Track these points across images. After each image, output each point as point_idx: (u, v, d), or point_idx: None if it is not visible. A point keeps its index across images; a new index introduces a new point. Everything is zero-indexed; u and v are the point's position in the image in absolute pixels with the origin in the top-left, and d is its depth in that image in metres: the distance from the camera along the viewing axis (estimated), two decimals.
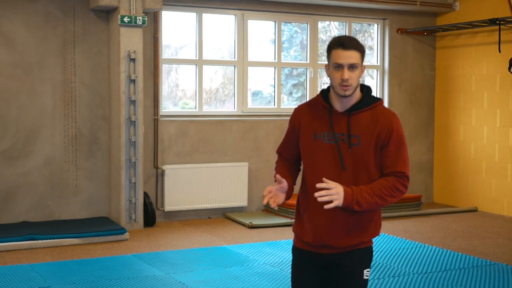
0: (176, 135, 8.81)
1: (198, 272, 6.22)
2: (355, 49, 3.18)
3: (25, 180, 8.04)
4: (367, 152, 3.23)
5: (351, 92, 3.22)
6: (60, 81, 8.15)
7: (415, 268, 6.39)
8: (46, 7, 8.05)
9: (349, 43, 3.18)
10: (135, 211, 8.18)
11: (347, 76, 3.17)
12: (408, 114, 10.32)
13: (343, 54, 3.17)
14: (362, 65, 3.24)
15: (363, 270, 3.31)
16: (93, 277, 5.99)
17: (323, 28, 10.19)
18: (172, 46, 9.22)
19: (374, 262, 6.59)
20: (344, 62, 3.17)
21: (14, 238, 7.17)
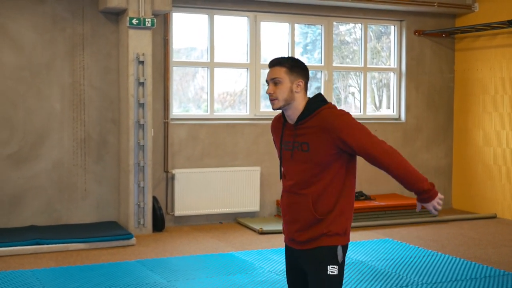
0: (187, 138, 8.68)
1: (200, 280, 6.08)
2: (277, 64, 3.45)
3: (33, 183, 7.97)
4: (318, 155, 3.39)
5: (278, 105, 3.45)
6: (69, 83, 8.07)
7: (424, 278, 6.18)
8: (54, 9, 7.97)
9: (273, 61, 3.48)
10: (144, 216, 8.07)
11: (270, 90, 3.45)
12: (425, 118, 10.08)
13: (268, 72, 3.50)
14: (293, 79, 3.43)
15: (326, 266, 3.41)
16: (92, 284, 5.87)
17: (347, 31, 10.01)
18: (185, 49, 9.10)
19: (383, 271, 6.39)
20: (268, 78, 3.49)
21: (19, 242, 7.09)
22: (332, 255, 3.42)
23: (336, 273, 3.42)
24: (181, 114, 8.84)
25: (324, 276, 3.41)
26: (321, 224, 3.42)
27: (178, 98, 9.05)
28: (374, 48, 10.25)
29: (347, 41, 10.07)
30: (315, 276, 3.44)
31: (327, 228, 3.42)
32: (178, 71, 8.97)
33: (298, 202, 3.47)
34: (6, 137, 7.82)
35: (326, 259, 3.42)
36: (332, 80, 9.66)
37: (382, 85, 10.27)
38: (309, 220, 3.44)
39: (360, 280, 6.10)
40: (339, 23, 9.88)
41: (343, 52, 10.11)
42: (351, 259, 6.83)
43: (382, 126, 9.84)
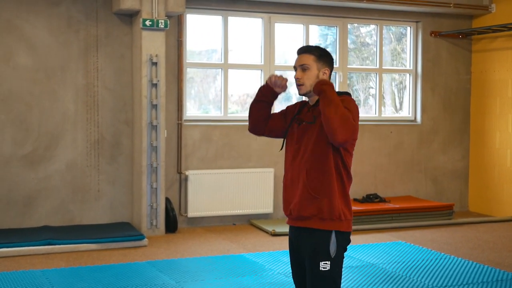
0: (200, 140, 8.69)
1: (209, 281, 6.07)
2: (306, 52, 3.66)
3: (46, 184, 8.02)
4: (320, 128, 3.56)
5: (305, 91, 3.65)
6: (83, 85, 8.12)
7: (435, 281, 6.12)
8: (68, 11, 8.02)
9: (302, 48, 3.70)
10: (157, 217, 8.09)
11: (298, 75, 3.65)
12: (441, 120, 10.00)
13: (297, 58, 3.70)
14: (320, 67, 3.63)
15: (319, 262, 3.52)
16: (101, 284, 5.89)
17: (368, 33, 9.97)
18: (201, 50, 9.11)
19: (394, 274, 6.34)
20: (296, 64, 3.68)
21: (31, 242, 7.14)
22: (325, 250, 3.53)
23: (328, 268, 3.52)
24: (195, 115, 8.85)
25: (316, 272, 3.53)
26: (314, 202, 3.55)
27: (199, 99, 9.07)
28: (394, 50, 10.19)
29: (367, 42, 10.02)
30: (309, 272, 3.56)
31: (319, 208, 3.54)
32: (199, 73, 9.00)
33: (295, 175, 3.64)
34: (21, 138, 7.88)
35: (318, 255, 3.53)
36: (350, 82, 9.61)
37: (402, 87, 10.20)
38: (302, 195, 3.57)
39: (369, 282, 6.06)
40: (359, 25, 9.84)
41: (364, 54, 10.07)
42: (362, 261, 6.79)
43: (397, 128, 9.77)
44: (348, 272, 6.38)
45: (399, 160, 9.81)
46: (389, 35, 10.12)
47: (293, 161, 3.66)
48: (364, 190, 9.55)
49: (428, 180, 10.00)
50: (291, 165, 3.68)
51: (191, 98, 9.03)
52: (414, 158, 9.89)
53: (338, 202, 3.55)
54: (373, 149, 9.63)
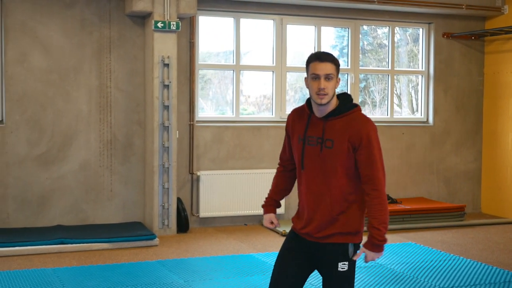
0: (212, 141, 8.76)
1: (218, 280, 6.14)
2: (330, 61, 3.56)
3: (60, 184, 8.12)
4: (339, 155, 3.55)
5: (327, 100, 3.56)
6: (96, 86, 8.22)
7: (442, 282, 6.14)
8: (82, 13, 8.13)
9: (325, 56, 3.57)
10: (168, 217, 8.17)
11: (323, 85, 3.53)
12: (454, 121, 10.00)
13: (319, 66, 3.54)
14: (337, 77, 3.59)
15: (337, 263, 3.59)
16: (110, 283, 5.98)
17: (384, 34, 9.99)
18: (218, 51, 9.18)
19: (401, 274, 6.37)
20: (320, 73, 3.54)
21: (43, 241, 7.24)
22: (343, 252, 3.60)
23: (346, 269, 3.59)
24: (207, 116, 8.92)
25: (335, 272, 3.59)
26: (335, 223, 3.59)
27: (216, 101, 9.14)
28: (411, 51, 10.20)
29: (384, 44, 10.04)
30: (327, 274, 3.63)
31: (341, 228, 3.59)
32: (217, 75, 9.07)
33: (317, 200, 3.62)
34: (35, 139, 7.99)
35: (337, 256, 3.60)
36: (359, 82, 9.64)
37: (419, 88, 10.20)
38: (326, 219, 3.60)
39: (376, 283, 6.10)
40: (377, 27, 9.87)
41: (380, 55, 10.09)
42: (371, 262, 6.81)
43: (410, 129, 9.78)
44: (356, 272, 6.41)
45: (411, 161, 9.82)
46: (405, 36, 10.13)
47: (313, 184, 3.63)
48: None
49: (441, 181, 9.99)
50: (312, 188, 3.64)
51: (208, 100, 9.10)
52: (426, 159, 9.90)
53: (358, 220, 3.64)
54: (385, 150, 9.60)
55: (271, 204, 3.97)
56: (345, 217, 3.59)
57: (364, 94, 9.95)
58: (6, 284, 5.88)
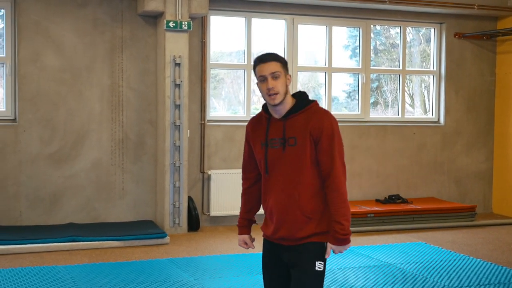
0: (223, 140, 8.80)
1: (227, 278, 6.18)
2: (273, 60, 3.50)
3: (72, 182, 8.19)
4: (304, 151, 3.48)
5: (280, 99, 3.50)
6: (108, 85, 8.28)
7: (451, 282, 6.15)
8: (94, 12, 8.19)
9: (267, 57, 3.52)
10: (179, 216, 8.22)
11: (271, 85, 3.47)
12: (465, 122, 9.99)
13: (263, 67, 3.49)
14: (286, 74, 3.53)
15: (315, 262, 3.51)
16: (121, 280, 6.03)
17: (397, 34, 10.00)
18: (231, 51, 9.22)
19: (410, 274, 6.39)
20: (265, 73, 3.49)
21: (55, 239, 7.31)
22: (321, 251, 3.51)
23: (322, 269, 3.53)
24: (218, 115, 8.96)
25: (311, 272, 3.50)
26: (310, 223, 3.50)
27: (228, 100, 9.18)
28: (424, 51, 10.20)
29: (397, 44, 10.04)
30: (302, 272, 3.50)
31: (317, 228, 3.51)
32: (230, 74, 9.11)
33: (286, 200, 3.52)
34: (48, 137, 8.06)
35: (316, 255, 3.51)
36: (370, 82, 9.65)
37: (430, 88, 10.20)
38: (298, 220, 3.51)
39: (385, 282, 6.11)
40: (390, 27, 9.88)
41: (393, 55, 10.09)
42: (380, 261, 6.84)
43: (420, 129, 9.79)
44: (365, 272, 6.45)
45: (422, 161, 9.82)
46: (418, 36, 10.13)
47: (280, 185, 3.54)
48: (387, 191, 9.58)
49: (451, 182, 9.99)
50: (276, 188, 3.55)
51: (220, 99, 9.14)
52: (437, 159, 9.89)
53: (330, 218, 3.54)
54: (396, 150, 9.66)
55: (244, 225, 3.94)
56: (320, 215, 3.51)
57: (376, 94, 9.96)
58: (19, 281, 5.94)
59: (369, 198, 9.49)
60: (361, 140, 9.44)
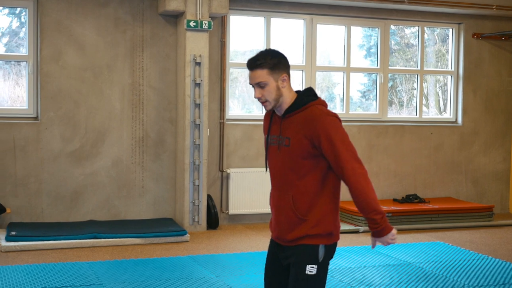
0: (242, 139, 8.86)
1: (248, 276, 6.24)
2: (259, 67, 3.39)
3: (93, 180, 8.28)
4: (297, 153, 3.39)
5: (270, 106, 3.46)
6: (129, 84, 8.36)
7: (471, 281, 6.18)
8: (116, 12, 8.27)
9: (252, 63, 3.42)
10: (198, 214, 8.29)
11: (258, 94, 3.44)
12: (483, 122, 10.01)
13: (250, 75, 3.44)
14: (276, 77, 3.40)
15: (305, 265, 3.42)
16: (144, 276, 6.11)
17: (412, 34, 10.04)
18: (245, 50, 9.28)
19: (429, 273, 6.42)
20: (251, 82, 3.45)
21: (77, 236, 7.39)
22: (313, 254, 3.43)
23: (315, 273, 3.42)
24: (237, 114, 9.02)
25: (302, 276, 3.41)
26: (304, 224, 3.42)
27: (242, 99, 9.25)
28: (439, 51, 10.23)
29: (412, 44, 10.08)
30: (294, 275, 3.43)
31: (309, 230, 3.41)
32: (243, 73, 9.17)
33: (281, 201, 3.48)
34: (69, 135, 8.15)
35: (306, 258, 3.43)
36: (388, 82, 9.69)
37: (447, 88, 10.22)
38: (292, 220, 3.44)
39: (405, 281, 6.16)
40: (404, 26, 9.91)
41: (408, 55, 10.13)
42: (399, 260, 6.88)
43: (438, 129, 9.81)
44: (385, 270, 6.49)
45: (440, 161, 9.84)
46: (433, 36, 10.15)
47: (277, 184, 3.51)
48: (404, 190, 9.61)
49: (469, 181, 10.01)
50: (276, 188, 3.52)
51: (234, 98, 9.21)
52: (454, 159, 9.92)
53: (328, 221, 3.44)
54: (413, 150, 9.69)
55: None
56: (314, 217, 3.41)
57: (391, 93, 9.99)
58: (43, 276, 6.03)
59: (386, 197, 9.53)
60: (378, 140, 9.48)
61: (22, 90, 8.31)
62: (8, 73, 8.33)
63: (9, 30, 8.35)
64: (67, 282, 5.88)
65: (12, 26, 8.39)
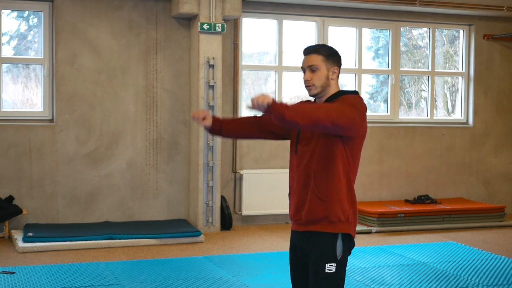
0: (255, 140, 8.92)
1: (264, 275, 6.30)
2: (314, 52, 3.58)
3: (107, 182, 8.35)
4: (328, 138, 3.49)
5: (315, 91, 3.58)
6: (143, 86, 8.43)
7: (486, 280, 6.23)
8: (130, 15, 8.35)
9: (309, 49, 3.61)
10: (212, 214, 8.35)
11: (307, 77, 3.57)
12: (494, 123, 10.05)
13: (304, 59, 3.60)
14: (329, 67, 3.57)
15: (324, 264, 3.51)
16: (162, 276, 6.18)
17: (419, 35, 10.09)
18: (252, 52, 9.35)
19: (443, 272, 6.47)
20: (304, 65, 3.59)
21: (93, 237, 7.47)
22: (331, 253, 3.51)
23: (334, 270, 3.51)
24: None
25: (322, 274, 3.50)
26: (323, 205, 3.50)
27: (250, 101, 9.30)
28: (447, 53, 10.28)
29: (419, 45, 10.14)
30: (313, 274, 3.53)
31: (329, 211, 3.50)
32: (251, 75, 9.24)
33: (303, 179, 3.56)
34: (84, 137, 8.23)
35: (324, 257, 3.51)
36: (402, 84, 9.75)
37: (455, 89, 10.28)
38: (312, 199, 3.52)
39: (420, 280, 6.21)
40: (411, 28, 9.96)
41: (415, 57, 10.18)
42: (413, 260, 6.93)
43: (449, 130, 9.86)
44: (399, 270, 6.54)
45: (451, 162, 9.89)
46: (441, 37, 10.21)
47: (299, 166, 3.60)
48: (416, 191, 9.66)
49: (480, 182, 10.05)
50: (297, 170, 3.62)
51: (242, 100, 9.27)
52: (465, 160, 9.96)
53: (346, 205, 3.54)
54: (425, 151, 9.74)
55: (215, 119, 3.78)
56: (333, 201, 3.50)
57: (399, 95, 10.03)
58: (62, 276, 6.10)
59: (398, 198, 9.58)
60: (390, 141, 9.53)
61: (31, 93, 8.40)
62: (17, 76, 8.41)
63: (17, 33, 8.42)
64: (86, 282, 5.95)
65: (20, 29, 8.46)
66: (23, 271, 6.29)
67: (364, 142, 3.65)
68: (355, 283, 6.05)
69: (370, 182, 9.41)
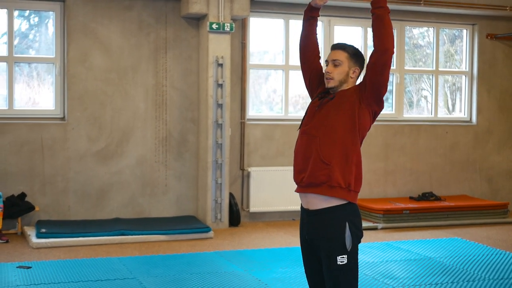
0: (262, 138, 9.06)
1: (275, 270, 6.44)
2: (340, 48, 3.78)
3: (118, 178, 8.49)
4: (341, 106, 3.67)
5: (333, 84, 3.74)
6: (152, 85, 8.57)
7: (491, 274, 6.38)
8: (140, 15, 8.48)
9: (336, 45, 3.83)
10: (221, 211, 8.49)
11: (329, 69, 3.74)
12: (497, 121, 10.20)
13: (331, 54, 3.80)
14: (351, 65, 3.74)
15: (336, 257, 3.61)
16: (175, 271, 6.32)
17: (420, 34, 10.22)
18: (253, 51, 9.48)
19: (450, 266, 6.62)
20: (329, 58, 3.78)
21: (106, 233, 7.61)
22: (341, 245, 3.61)
23: (346, 262, 3.61)
24: (257, 114, 9.23)
25: (335, 266, 3.62)
26: (325, 169, 3.61)
27: (251, 100, 9.44)
28: (447, 52, 10.42)
29: (420, 44, 10.28)
30: (327, 267, 3.64)
31: (330, 176, 3.61)
32: (251, 74, 9.36)
33: (309, 143, 3.70)
34: (95, 135, 8.37)
35: (335, 250, 3.62)
36: (404, 83, 9.89)
37: (455, 88, 10.42)
38: (316, 162, 3.64)
39: (428, 274, 6.35)
40: (412, 27, 10.10)
41: (416, 56, 10.32)
42: (419, 255, 7.08)
43: (453, 128, 10.00)
44: (407, 265, 6.68)
45: (455, 160, 10.04)
46: (442, 37, 10.34)
47: (307, 129, 3.73)
48: (420, 188, 9.81)
49: (483, 180, 10.20)
50: (305, 133, 3.74)
51: (249, 98, 9.39)
52: (469, 158, 10.11)
53: (348, 172, 3.63)
54: (429, 148, 9.88)
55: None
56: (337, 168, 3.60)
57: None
58: (77, 271, 6.24)
59: (402, 195, 9.72)
60: (395, 139, 9.68)
61: (33, 91, 8.52)
62: (19, 75, 8.52)
63: (19, 32, 8.53)
64: (101, 276, 6.09)
65: (21, 29, 8.58)
66: (39, 265, 6.43)
67: (369, 139, 3.83)
68: (365, 277, 6.19)
69: (376, 179, 9.55)
